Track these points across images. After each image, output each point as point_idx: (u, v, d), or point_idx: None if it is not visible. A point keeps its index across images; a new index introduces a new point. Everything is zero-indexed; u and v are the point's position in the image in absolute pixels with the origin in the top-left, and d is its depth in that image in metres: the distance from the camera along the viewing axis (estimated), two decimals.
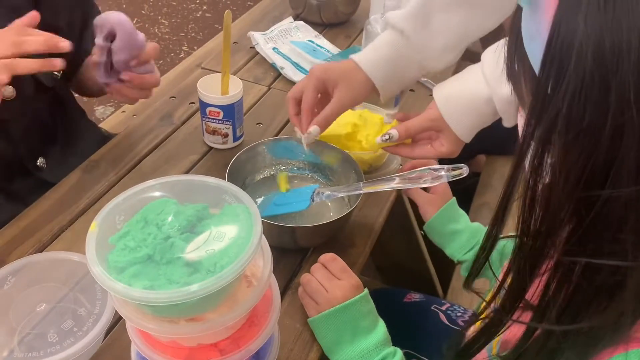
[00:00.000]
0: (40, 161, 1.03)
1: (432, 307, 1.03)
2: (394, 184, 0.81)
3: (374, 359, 0.70)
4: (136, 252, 0.55)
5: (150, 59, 0.92)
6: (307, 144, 0.88)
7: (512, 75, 0.46)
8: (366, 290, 0.75)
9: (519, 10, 0.44)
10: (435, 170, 0.79)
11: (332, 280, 0.75)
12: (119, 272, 0.54)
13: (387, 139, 0.86)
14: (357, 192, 0.83)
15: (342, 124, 1.01)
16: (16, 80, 0.91)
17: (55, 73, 1.03)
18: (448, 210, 0.92)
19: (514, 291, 0.48)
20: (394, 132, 0.85)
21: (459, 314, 1.00)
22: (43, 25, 0.89)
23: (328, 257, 0.79)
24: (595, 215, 0.39)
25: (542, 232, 0.43)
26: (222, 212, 0.60)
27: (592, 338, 0.45)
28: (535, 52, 0.41)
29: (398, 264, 1.51)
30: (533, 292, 0.46)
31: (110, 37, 0.87)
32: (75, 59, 1.07)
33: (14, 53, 0.79)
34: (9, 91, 0.92)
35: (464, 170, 0.78)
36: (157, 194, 0.61)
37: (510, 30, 0.46)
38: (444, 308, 1.02)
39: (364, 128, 0.99)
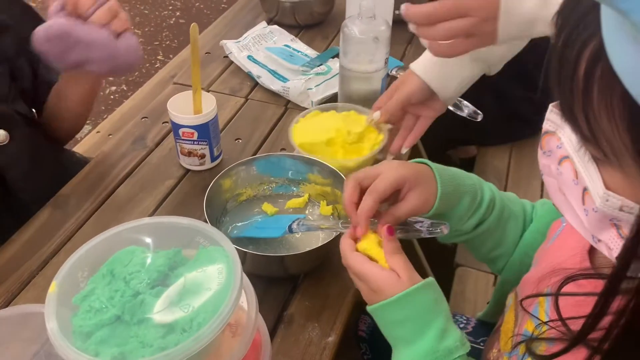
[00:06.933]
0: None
1: None
2: None
3: None
4: (103, 313, 0.49)
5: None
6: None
7: (590, 130, 0.40)
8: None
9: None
10: (415, 223, 0.70)
11: None
12: (85, 338, 0.48)
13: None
14: (334, 230, 0.76)
15: (324, 130, 0.95)
16: (7, 123, 0.91)
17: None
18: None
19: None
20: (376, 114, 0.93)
21: (461, 326, 0.95)
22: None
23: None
24: None
25: None
26: (197, 257, 0.54)
27: None
28: None
29: None
30: None
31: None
32: (38, 91, 1.03)
33: None
34: (2, 135, 0.90)
35: (444, 228, 0.67)
36: (124, 241, 0.55)
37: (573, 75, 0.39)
38: None
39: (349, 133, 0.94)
